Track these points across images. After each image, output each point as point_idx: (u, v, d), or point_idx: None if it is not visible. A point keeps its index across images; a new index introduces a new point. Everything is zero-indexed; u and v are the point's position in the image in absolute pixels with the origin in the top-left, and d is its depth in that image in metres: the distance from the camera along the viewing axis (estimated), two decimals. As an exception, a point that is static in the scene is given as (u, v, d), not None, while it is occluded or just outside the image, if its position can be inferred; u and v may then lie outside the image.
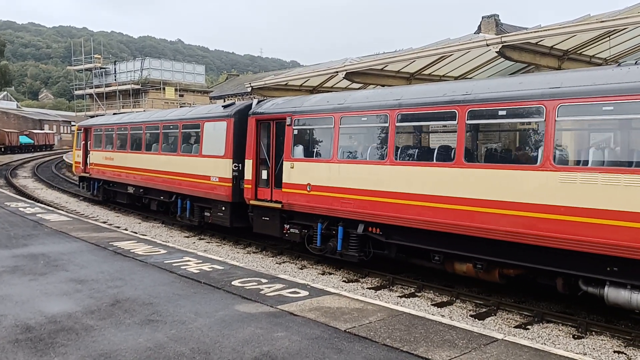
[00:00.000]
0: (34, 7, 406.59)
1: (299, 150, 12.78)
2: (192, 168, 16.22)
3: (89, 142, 24.73)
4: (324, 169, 11.97)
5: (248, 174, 14.02)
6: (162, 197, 18.58)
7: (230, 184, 14.56)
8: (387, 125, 10.79)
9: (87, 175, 24.87)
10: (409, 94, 10.83)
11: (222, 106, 15.37)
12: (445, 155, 9.95)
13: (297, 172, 12.55)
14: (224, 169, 14.73)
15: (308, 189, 12.20)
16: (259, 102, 14.47)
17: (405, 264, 12.01)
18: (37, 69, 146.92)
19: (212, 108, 16.28)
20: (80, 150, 25.70)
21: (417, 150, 11.25)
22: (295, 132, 12.86)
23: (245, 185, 14.12)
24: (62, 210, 21.61)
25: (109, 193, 23.60)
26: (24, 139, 76.14)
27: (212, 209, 15.58)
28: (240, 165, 14.46)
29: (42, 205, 21.27)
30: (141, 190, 20.00)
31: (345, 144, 12.14)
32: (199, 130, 16.18)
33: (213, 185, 15.15)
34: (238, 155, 14.46)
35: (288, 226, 13.11)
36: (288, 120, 12.89)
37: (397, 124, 10.68)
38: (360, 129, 12.23)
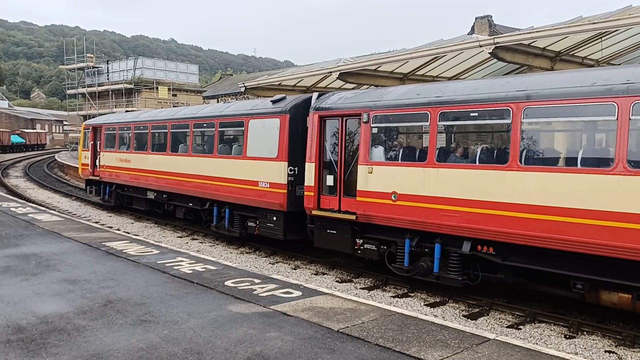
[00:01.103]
0: (26, 6, 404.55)
1: (379, 152, 10.95)
2: (233, 172, 14.26)
3: (98, 143, 22.47)
4: (416, 174, 10.00)
5: (309, 180, 12.06)
6: (190, 204, 16.62)
7: (285, 191, 12.61)
8: (508, 122, 8.82)
9: (96, 178, 22.53)
10: (542, 84, 8.70)
11: (272, 101, 13.49)
12: (600, 160, 8.02)
13: (377, 178, 10.68)
14: (277, 173, 12.79)
15: (393, 198, 10.28)
16: (320, 95, 12.62)
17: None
18: (29, 68, 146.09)
19: (257, 103, 14.31)
20: (88, 151, 23.34)
21: (556, 152, 9.12)
22: (374, 130, 10.97)
23: (306, 193, 12.15)
24: (54, 210, 21.49)
25: (123, 198, 21.42)
26: (15, 139, 75.68)
27: (259, 218, 13.60)
28: (296, 169, 12.67)
29: (34, 205, 21.15)
30: (164, 195, 17.88)
31: (445, 145, 10.38)
32: (242, 128, 14.15)
33: (262, 192, 13.17)
34: (294, 157, 12.69)
35: (361, 241, 11.19)
36: (364, 117, 11.00)
37: (527, 120, 8.68)
38: (466, 126, 10.44)
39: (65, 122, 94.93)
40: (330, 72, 18.97)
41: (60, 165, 48.44)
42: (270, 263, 13.47)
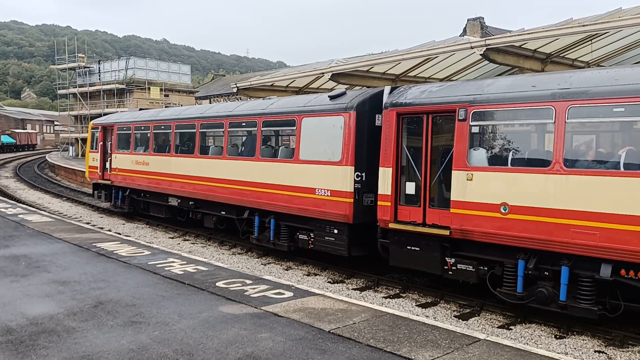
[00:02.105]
0: (17, 5, 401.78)
1: (481, 154, 9.23)
2: (281, 177, 12.58)
3: (109, 143, 20.59)
4: (536, 182, 8.40)
5: (384, 188, 10.39)
6: (223, 212, 14.90)
7: (351, 200, 10.96)
8: None
9: (106, 182, 20.65)
10: None
11: (330, 96, 11.92)
12: None
13: (480, 186, 8.99)
14: (341, 179, 11.10)
15: (503, 211, 8.65)
16: (392, 89, 10.89)
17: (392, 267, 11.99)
18: (20, 67, 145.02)
19: (309, 99, 12.66)
20: (96, 152, 21.34)
21: None
22: (475, 129, 9.28)
23: (380, 203, 10.47)
24: (45, 211, 21.36)
25: (138, 205, 19.66)
26: (5, 139, 75.20)
27: (315, 231, 11.93)
28: (363, 174, 11.09)
29: (24, 206, 21.02)
30: (191, 202, 16.11)
31: (576, 147, 8.84)
32: (293, 128, 12.49)
33: (319, 201, 11.53)
34: (360, 161, 11.08)
35: (453, 260, 9.58)
36: (460, 114, 9.33)
37: None
38: (604, 124, 8.89)
39: (56, 123, 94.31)
40: (323, 73, 18.99)
41: (51, 166, 48.15)
42: (262, 264, 13.45)
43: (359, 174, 11.12)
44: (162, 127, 17.73)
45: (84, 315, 7.36)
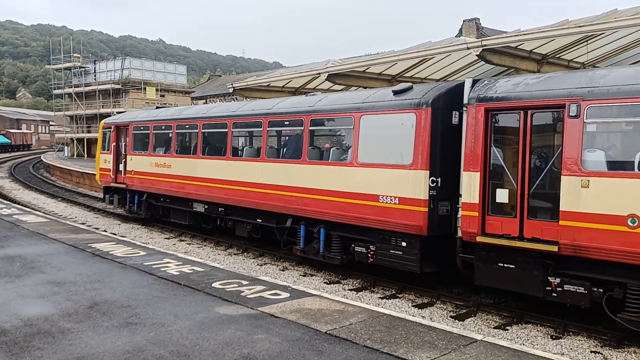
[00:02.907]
0: (12, 5, 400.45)
1: (598, 158, 7.98)
2: (334, 182, 11.25)
3: (123, 144, 19.17)
4: None
5: (469, 195, 9.11)
6: (259, 220, 13.55)
7: (426, 209, 9.63)
8: None
9: (121, 186, 19.24)
10: None
11: (394, 91, 10.58)
12: None
13: (599, 194, 7.81)
14: (413, 185, 9.79)
15: (631, 224, 7.45)
16: (475, 83, 9.59)
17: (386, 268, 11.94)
18: (15, 67, 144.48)
19: (368, 95, 11.23)
20: (108, 153, 19.87)
21: None
22: (591, 127, 8.08)
23: (464, 212, 9.19)
24: (40, 211, 21.28)
25: (156, 210, 18.26)
26: (0, 139, 74.91)
27: (377, 243, 10.63)
28: (439, 179, 9.79)
29: (19, 206, 20.93)
30: (220, 209, 14.75)
31: None
32: (350, 127, 11.18)
33: (384, 209, 10.21)
34: (435, 164, 9.76)
35: (558, 280, 8.35)
36: (571, 109, 8.10)
37: None
38: None
39: (51, 123, 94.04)
40: (319, 74, 18.98)
41: (46, 166, 47.99)
42: (258, 264, 13.42)
43: (434, 179, 9.79)
44: (187, 126, 16.31)
45: (79, 317, 7.32)
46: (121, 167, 19.16)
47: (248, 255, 14.52)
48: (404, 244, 10.18)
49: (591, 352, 7.84)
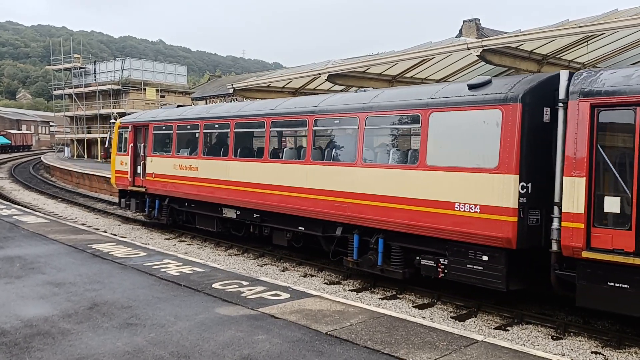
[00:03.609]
0: (13, 5, 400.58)
1: None
2: (398, 187, 10.11)
3: (142, 145, 17.91)
4: None
5: (572, 203, 8.05)
6: (301, 228, 12.42)
7: (515, 219, 8.50)
8: None
9: (139, 189, 18.00)
10: None
11: (470, 85, 9.48)
12: None
13: None
14: (499, 191, 8.65)
15: None
16: (572, 75, 8.59)
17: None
18: (15, 68, 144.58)
19: (438, 90, 10.06)
20: (125, 155, 18.66)
21: None
22: None
23: (565, 224, 8.13)
24: (40, 212, 21.28)
25: (179, 215, 17.03)
26: (0, 140, 74.96)
27: (451, 256, 9.46)
28: (529, 185, 8.66)
29: (19, 207, 20.93)
30: (256, 215, 13.57)
31: None
32: (417, 125, 10.07)
33: (461, 218, 9.09)
34: (525, 168, 8.61)
35: None
36: None
37: None
38: None
39: (51, 123, 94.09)
40: (319, 74, 18.97)
41: (46, 167, 48.01)
42: (258, 265, 13.41)
43: (524, 185, 8.63)
44: (216, 125, 15.11)
45: (79, 317, 7.31)
46: (139, 169, 18.02)
47: (248, 256, 14.51)
48: (485, 257, 8.99)
49: (592, 352, 7.83)
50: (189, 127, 16.17)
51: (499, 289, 8.90)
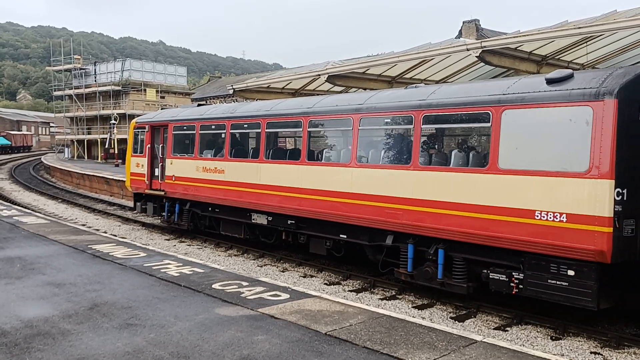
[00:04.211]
0: (13, 7, 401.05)
1: None
2: (463, 193, 9.14)
3: (160, 146, 17.07)
4: None
5: None
6: (344, 236, 11.46)
7: (610, 229, 7.61)
8: None
9: (158, 193, 17.12)
10: None
11: (548, 79, 8.58)
12: None
13: None
14: (590, 198, 7.74)
15: None
16: None
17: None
18: (15, 69, 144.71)
19: (510, 84, 9.05)
20: (142, 156, 17.74)
21: None
22: None
23: None
24: (40, 212, 21.29)
25: (201, 221, 16.08)
26: (0, 140, 75.03)
27: (528, 270, 8.48)
28: (624, 191, 7.79)
29: (19, 208, 20.94)
30: (290, 221, 12.63)
31: None
32: (485, 124, 9.13)
33: (543, 228, 8.16)
34: (622, 172, 7.72)
35: None
36: None
37: None
38: None
39: (51, 124, 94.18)
40: (319, 75, 19.00)
41: (46, 168, 48.03)
42: (258, 266, 13.43)
43: (620, 191, 7.72)
44: (245, 125, 14.18)
45: (79, 318, 7.33)
46: (157, 171, 17.15)
47: (248, 256, 14.53)
48: (571, 272, 8.04)
49: (591, 352, 7.84)
50: (213, 127, 15.22)
51: (588, 308, 7.94)
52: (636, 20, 11.87)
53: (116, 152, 49.61)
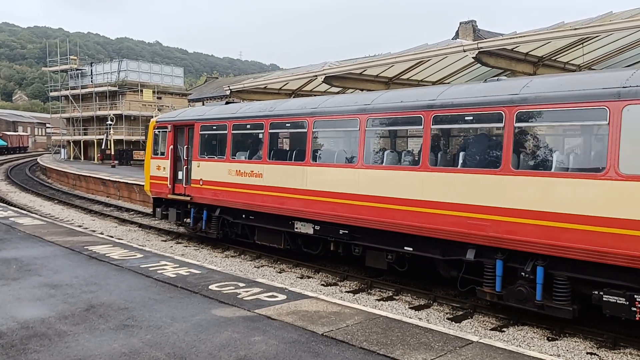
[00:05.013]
0: (9, 7, 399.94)
1: None
2: (572, 202, 7.93)
3: (185, 147, 15.87)
4: None
5: None
6: (409, 248, 10.26)
7: None
8: None
9: (183, 198, 15.73)
10: None
11: None
12: None
13: None
14: None
15: None
16: None
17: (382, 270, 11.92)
18: (11, 69, 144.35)
19: (627, 76, 7.83)
20: (164, 158, 16.46)
21: None
22: None
23: None
24: (36, 213, 21.23)
25: (232, 228, 14.74)
26: (-3, 141, 74.77)
27: None
28: None
29: (15, 209, 20.87)
30: (343, 231, 11.36)
31: None
32: (601, 122, 7.87)
33: None
34: None
35: None
36: None
37: None
38: None
39: (48, 125, 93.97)
40: (316, 76, 19.02)
41: (42, 169, 47.91)
42: (255, 267, 13.42)
43: None
44: (287, 125, 12.95)
45: (75, 319, 7.31)
46: (181, 175, 15.92)
47: (245, 257, 14.52)
48: None
49: (587, 353, 7.87)
50: (249, 126, 13.89)
51: None
52: (632, 22, 11.93)
53: (112, 152, 49.54)
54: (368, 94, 12.13)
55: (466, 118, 9.39)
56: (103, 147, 54.16)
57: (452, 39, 25.67)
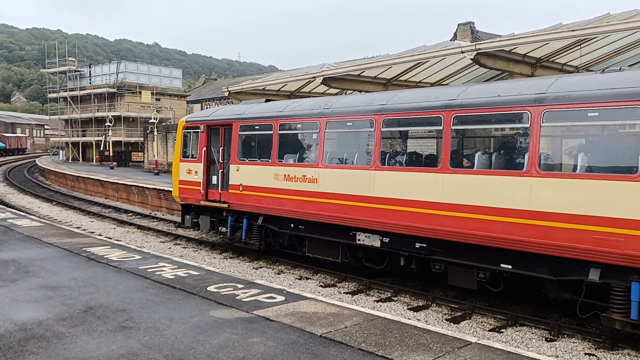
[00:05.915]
0: (7, 9, 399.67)
1: None
2: None
3: (220, 149, 14.57)
4: None
5: None
6: (507, 266, 8.88)
7: None
8: None
9: (220, 205, 14.39)
10: None
11: None
12: None
13: None
14: None
15: None
16: None
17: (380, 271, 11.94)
18: (9, 71, 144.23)
19: None
20: (196, 161, 15.14)
21: None
22: None
23: None
24: (34, 215, 21.22)
25: (277, 239, 13.45)
26: (-5, 143, 74.70)
27: None
28: None
29: (13, 210, 20.85)
30: (420, 244, 10.01)
31: None
32: None
33: None
34: None
35: None
36: None
37: None
38: None
39: (46, 127, 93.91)
40: (314, 77, 19.02)
41: (41, 170, 47.88)
42: (253, 268, 13.41)
43: None
44: (348, 123, 11.65)
45: (73, 321, 7.30)
46: (215, 179, 14.73)
47: (244, 258, 14.51)
48: None
49: (585, 354, 7.88)
50: (299, 125, 12.76)
51: None
52: (629, 23, 11.95)
53: (111, 154, 49.52)
54: (456, 88, 10.53)
55: (590, 114, 7.92)
56: (101, 148, 54.14)
57: (450, 40, 25.72)
